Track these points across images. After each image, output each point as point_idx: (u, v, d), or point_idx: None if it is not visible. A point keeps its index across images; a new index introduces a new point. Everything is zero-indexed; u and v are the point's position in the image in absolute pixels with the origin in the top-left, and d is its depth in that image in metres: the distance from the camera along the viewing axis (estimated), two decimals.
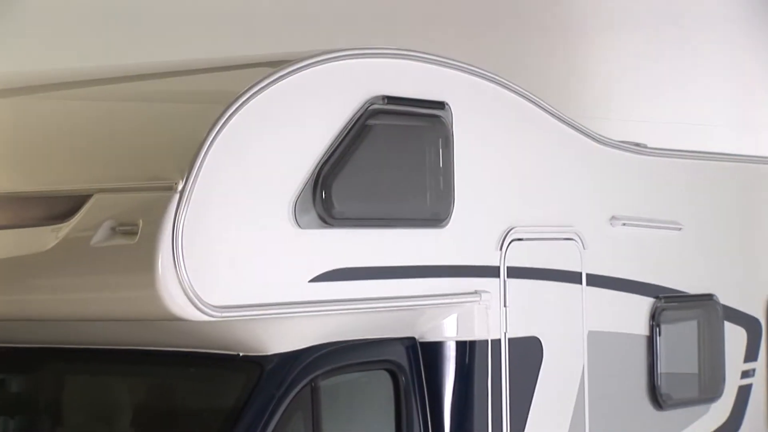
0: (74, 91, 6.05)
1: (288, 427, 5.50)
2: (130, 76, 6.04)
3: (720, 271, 7.73)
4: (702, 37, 12.36)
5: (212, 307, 5.02)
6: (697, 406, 7.50)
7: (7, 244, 5.18)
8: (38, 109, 5.94)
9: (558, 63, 11.79)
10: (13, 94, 6.05)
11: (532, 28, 11.76)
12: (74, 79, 6.13)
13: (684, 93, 12.12)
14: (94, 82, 6.07)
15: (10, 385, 6.29)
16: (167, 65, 6.04)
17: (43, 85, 6.12)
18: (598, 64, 12.07)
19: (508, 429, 6.24)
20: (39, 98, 6.01)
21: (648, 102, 11.95)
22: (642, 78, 12.11)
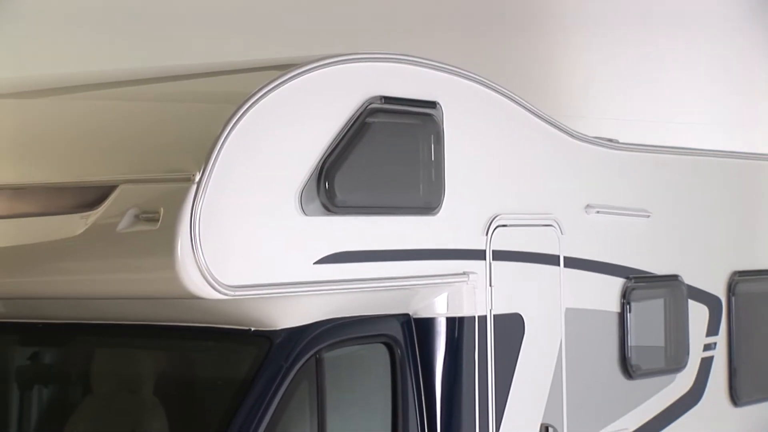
0: (100, 92, 6.05)
1: (295, 395, 5.52)
2: (151, 79, 6.04)
3: (684, 254, 7.75)
4: (672, 39, 12.29)
5: (226, 287, 5.04)
6: (663, 376, 7.50)
7: (40, 229, 5.19)
8: (68, 108, 5.94)
9: (538, 64, 11.75)
10: (46, 94, 6.06)
11: (513, 32, 11.69)
12: (100, 82, 6.13)
13: (653, 92, 12.08)
14: (118, 84, 6.07)
15: (43, 357, 6.28)
16: (183, 68, 6.02)
17: (73, 86, 6.12)
18: (576, 65, 12.03)
19: (493, 397, 6.25)
20: (69, 99, 6.02)
21: (620, 101, 11.92)
22: (615, 79, 12.07)
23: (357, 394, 5.91)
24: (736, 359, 8.07)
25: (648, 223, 7.42)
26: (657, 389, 7.43)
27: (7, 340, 6.27)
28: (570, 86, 11.84)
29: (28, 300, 5.82)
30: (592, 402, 6.94)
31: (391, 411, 5.93)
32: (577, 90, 11.85)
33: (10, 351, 6.35)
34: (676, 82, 12.22)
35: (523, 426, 6.48)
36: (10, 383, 6.32)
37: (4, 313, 6.05)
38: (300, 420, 5.59)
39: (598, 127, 8.43)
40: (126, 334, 5.84)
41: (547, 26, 11.98)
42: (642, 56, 12.27)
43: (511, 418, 6.37)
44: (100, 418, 5.99)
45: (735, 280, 8.13)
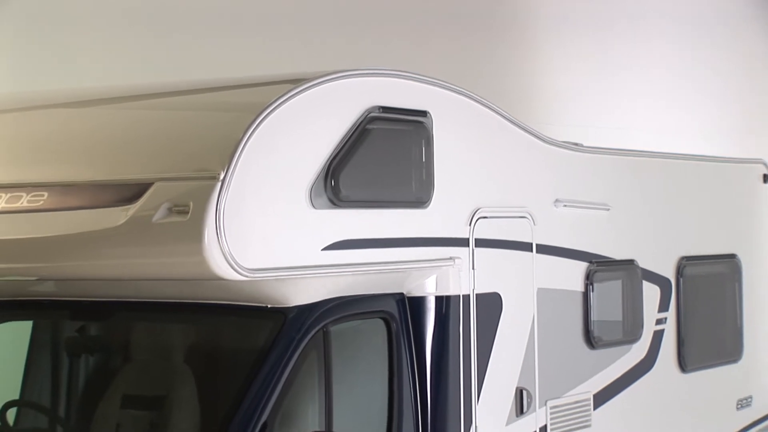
0: (136, 102, 6.04)
1: (305, 364, 5.53)
2: (180, 91, 6.05)
3: (639, 242, 7.75)
4: (629, 57, 12.24)
5: (246, 269, 5.04)
6: (621, 346, 7.51)
7: (86, 221, 5.18)
8: (110, 117, 5.95)
9: (513, 77, 11.68)
10: (90, 105, 6.06)
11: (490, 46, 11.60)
12: (136, 94, 6.11)
13: (613, 102, 12.05)
14: (151, 96, 6.05)
15: (89, 330, 6.31)
16: (208, 82, 6.02)
17: (112, 98, 6.11)
18: (546, 78, 11.99)
19: (475, 364, 6.26)
20: (111, 109, 6.03)
21: (585, 109, 11.89)
22: (580, 90, 12.03)
23: (358, 362, 5.92)
24: (683, 331, 8.08)
25: (608, 215, 7.43)
26: (616, 358, 7.44)
27: (59, 315, 6.31)
28: (541, 97, 11.81)
29: (76, 281, 5.83)
30: (560, 368, 6.94)
31: (387, 376, 5.94)
32: (547, 100, 11.82)
33: (61, 324, 6.38)
34: (632, 93, 12.18)
35: (501, 389, 6.48)
36: (61, 352, 6.35)
37: (56, 292, 6.07)
38: (309, 384, 5.60)
39: (565, 132, 8.43)
40: (160, 310, 5.85)
41: (521, 43, 11.94)
42: (603, 71, 12.23)
43: (491, 382, 6.37)
44: (138, 382, 6.01)
45: (682, 264, 8.14)
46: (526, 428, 6.64)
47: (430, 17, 11.24)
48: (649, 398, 7.70)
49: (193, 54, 9.61)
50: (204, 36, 9.83)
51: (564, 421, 6.94)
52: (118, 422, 5.89)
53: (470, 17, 11.50)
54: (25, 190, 5.43)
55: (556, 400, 6.88)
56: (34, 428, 6.36)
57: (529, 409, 6.63)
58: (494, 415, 6.42)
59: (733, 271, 8.76)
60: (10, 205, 5.41)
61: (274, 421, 5.33)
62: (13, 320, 6.43)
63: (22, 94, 6.59)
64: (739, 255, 8.82)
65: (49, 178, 5.43)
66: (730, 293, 8.74)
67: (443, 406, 6.08)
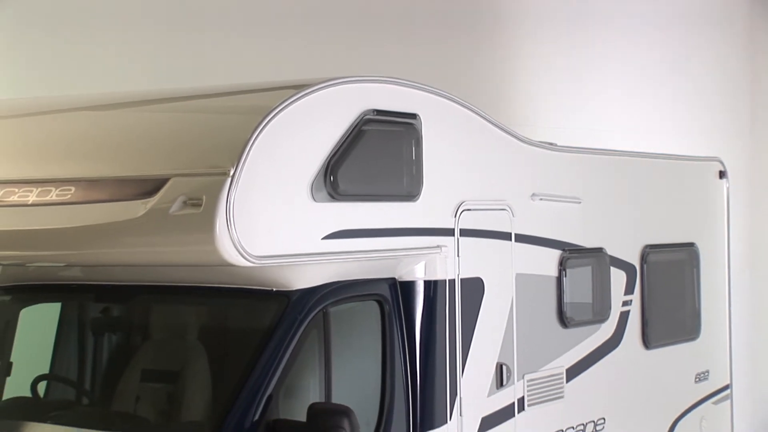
0: (154, 106, 6.06)
1: (306, 341, 5.54)
2: (194, 95, 6.01)
3: (607, 231, 7.76)
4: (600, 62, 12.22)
5: (253, 256, 5.04)
6: (591, 325, 7.52)
7: (110, 212, 5.18)
8: (130, 119, 5.95)
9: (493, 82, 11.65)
10: (112, 108, 6.06)
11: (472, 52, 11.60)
12: (154, 98, 6.12)
13: (584, 105, 12.04)
14: (167, 100, 6.05)
15: (112, 311, 6.31)
16: (218, 87, 6.01)
17: (133, 101, 6.11)
18: (522, 83, 11.97)
19: (460, 342, 6.27)
20: (131, 112, 6.03)
21: (558, 112, 11.88)
22: (553, 94, 12.02)
23: (355, 340, 5.93)
24: (647, 312, 8.10)
25: (579, 207, 7.44)
26: (586, 336, 7.45)
27: (85, 298, 6.31)
28: (518, 100, 11.80)
29: (100, 267, 5.84)
30: (536, 345, 6.95)
31: (381, 353, 5.94)
32: (523, 103, 11.81)
33: (87, 306, 6.38)
34: (601, 97, 12.18)
35: (483, 364, 6.49)
36: (86, 331, 6.36)
37: (81, 277, 6.08)
38: (310, 359, 5.61)
39: (540, 133, 8.43)
40: (176, 293, 5.86)
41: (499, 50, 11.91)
42: (574, 76, 12.22)
43: (474, 358, 6.38)
44: (155, 358, 6.02)
45: (646, 252, 8.15)
46: (506, 399, 6.65)
47: (416, 24, 11.21)
48: (616, 372, 7.72)
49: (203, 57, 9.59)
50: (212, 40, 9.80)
51: (539, 393, 6.95)
52: (138, 394, 5.89)
53: (453, 24, 11.47)
54: (54, 184, 5.43)
55: (532, 374, 6.89)
56: (62, 400, 6.36)
57: (508, 382, 6.65)
58: (477, 387, 6.43)
59: (692, 258, 8.78)
60: (41, 199, 5.41)
61: (278, 393, 5.34)
62: (44, 302, 6.43)
63: (48, 98, 6.58)
64: (698, 243, 8.84)
65: (76, 174, 5.43)
66: (689, 278, 8.76)
67: (431, 380, 6.09)
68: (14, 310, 6.37)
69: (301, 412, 5.27)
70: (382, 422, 5.88)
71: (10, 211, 5.44)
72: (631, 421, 7.86)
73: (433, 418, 6.08)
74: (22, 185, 5.51)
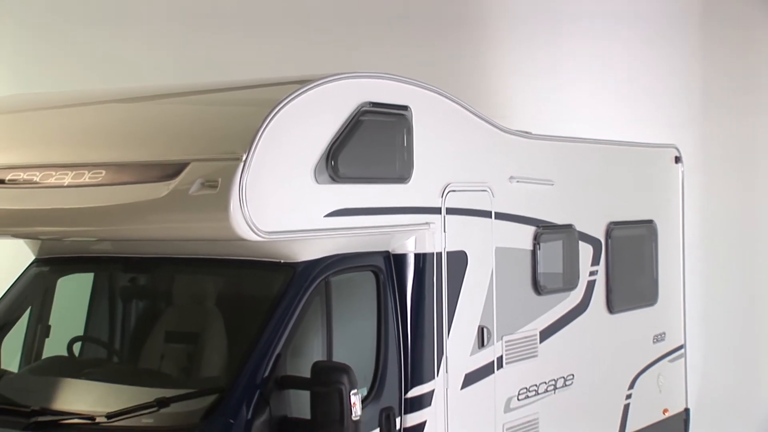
0: (175, 98, 6.02)
1: (310, 307, 5.55)
2: (211, 89, 6.01)
3: (576, 210, 7.76)
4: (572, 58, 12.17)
5: (263, 232, 5.04)
6: (561, 293, 7.53)
7: (136, 193, 5.17)
8: (154, 110, 5.92)
9: (475, 77, 11.64)
10: (137, 101, 6.03)
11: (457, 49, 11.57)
12: (175, 92, 6.08)
13: (556, 98, 12.01)
14: (187, 93, 6.03)
15: (138, 280, 6.31)
16: (233, 81, 5.98)
17: (156, 95, 6.06)
18: (501, 78, 11.96)
19: (446, 308, 6.28)
20: (155, 103, 5.99)
21: (533, 103, 11.86)
22: (529, 87, 11.99)
23: (353, 306, 5.94)
24: (611, 281, 8.10)
25: (552, 189, 7.43)
26: (557, 302, 7.46)
27: (114, 269, 6.31)
28: (497, 93, 11.78)
29: (128, 241, 5.84)
30: (513, 310, 6.96)
31: (376, 318, 5.96)
32: (505, 95, 11.80)
33: (116, 276, 6.39)
34: (572, 90, 12.13)
35: (466, 327, 6.50)
36: (116, 298, 6.36)
37: (111, 250, 6.08)
38: (314, 323, 5.62)
39: (517, 122, 8.42)
40: (195, 264, 5.86)
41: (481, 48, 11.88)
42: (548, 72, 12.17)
43: (458, 322, 6.40)
44: (177, 321, 6.03)
45: (610, 228, 8.16)
46: (486, 358, 6.66)
47: (408, 26, 11.20)
48: (584, 334, 7.73)
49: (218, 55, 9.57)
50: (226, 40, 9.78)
51: (516, 352, 6.97)
52: (162, 353, 5.90)
53: (441, 26, 11.46)
54: (87, 168, 5.42)
55: (509, 336, 6.90)
56: (95, 358, 6.37)
57: (488, 342, 6.66)
58: (461, 347, 6.44)
59: (651, 233, 8.79)
60: (75, 181, 5.40)
61: (286, 353, 5.35)
62: (78, 272, 6.44)
63: (81, 91, 6.56)
64: (656, 220, 8.85)
65: (106, 159, 5.42)
66: (648, 251, 8.77)
67: (421, 341, 6.10)
68: (52, 280, 6.38)
69: (306, 369, 5.28)
70: (377, 378, 5.89)
71: (48, 192, 5.45)
72: (597, 377, 7.89)
73: (422, 374, 6.09)
74: (58, 169, 5.51)
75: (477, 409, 6.57)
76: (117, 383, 5.68)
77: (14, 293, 6.35)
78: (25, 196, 5.50)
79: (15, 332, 6.23)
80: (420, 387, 6.08)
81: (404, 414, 6.00)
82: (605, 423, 8.04)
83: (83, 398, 5.53)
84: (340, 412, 5.10)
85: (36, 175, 5.54)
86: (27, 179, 5.56)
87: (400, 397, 6.00)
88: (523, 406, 7.01)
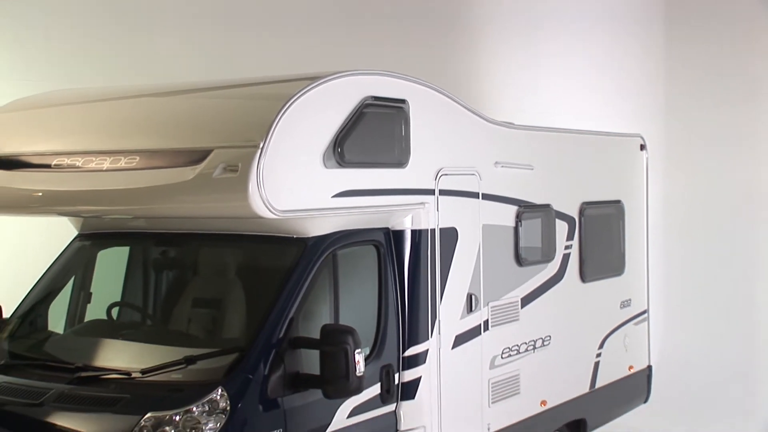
0: (201, 93, 5.98)
1: (320, 276, 5.55)
2: (231, 85, 5.96)
3: (553, 191, 7.74)
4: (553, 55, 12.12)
5: (278, 210, 5.04)
6: (540, 264, 7.52)
7: (166, 176, 5.17)
8: (182, 103, 5.90)
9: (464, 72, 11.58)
10: (167, 95, 6.01)
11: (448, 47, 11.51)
12: (200, 87, 6.05)
13: (535, 93, 11.98)
14: (211, 88, 5.98)
15: (169, 253, 6.31)
16: (251, 78, 5.95)
17: (183, 90, 6.05)
18: (488, 75, 11.91)
19: (438, 278, 6.27)
20: (183, 97, 5.97)
21: (515, 96, 11.82)
22: (512, 83, 11.95)
23: (357, 275, 5.93)
24: (583, 254, 8.10)
25: (532, 173, 7.41)
26: (537, 272, 7.45)
27: (147, 243, 6.31)
28: (483, 87, 11.73)
29: (159, 218, 5.83)
30: (497, 280, 6.95)
31: (377, 286, 5.96)
32: (489, 90, 11.75)
33: (148, 249, 6.38)
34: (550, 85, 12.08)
35: (457, 294, 6.50)
36: (149, 268, 6.36)
37: (145, 227, 6.07)
38: (322, 291, 5.62)
39: (502, 114, 8.38)
40: (217, 239, 5.86)
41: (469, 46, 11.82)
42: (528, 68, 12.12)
43: (450, 290, 6.40)
44: (202, 289, 6.02)
45: (583, 207, 8.14)
46: (474, 321, 6.67)
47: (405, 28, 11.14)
48: (559, 300, 7.74)
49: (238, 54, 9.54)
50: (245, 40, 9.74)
51: (500, 316, 6.97)
52: (189, 317, 5.91)
53: (435, 28, 11.40)
54: (123, 154, 5.41)
55: (495, 302, 6.91)
56: (131, 321, 6.38)
57: (476, 308, 6.67)
58: (452, 312, 6.45)
59: (619, 212, 8.78)
60: (113, 165, 5.40)
61: (298, 317, 5.36)
62: (116, 246, 6.44)
63: (117, 87, 6.54)
64: (623, 200, 8.84)
65: (140, 146, 5.42)
66: (616, 227, 8.76)
67: (416, 306, 6.10)
68: (93, 253, 6.38)
69: (316, 331, 5.29)
70: (378, 339, 5.91)
71: (89, 175, 5.44)
72: (571, 338, 7.90)
73: (418, 335, 6.10)
74: (98, 155, 5.50)
75: (466, 366, 6.58)
76: (150, 343, 5.71)
77: (59, 265, 6.36)
78: (69, 179, 5.50)
79: (60, 299, 6.24)
80: (416, 347, 6.09)
81: (402, 370, 6.02)
82: (578, 378, 8.06)
83: (120, 356, 5.56)
84: (345, 369, 5.13)
85: (79, 160, 5.54)
86: (71, 164, 5.56)
87: (399, 356, 6.01)
88: (506, 364, 7.02)
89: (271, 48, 9.87)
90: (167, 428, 4.87)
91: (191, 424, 4.90)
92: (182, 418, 4.90)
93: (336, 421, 5.51)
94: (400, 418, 5.99)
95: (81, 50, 8.96)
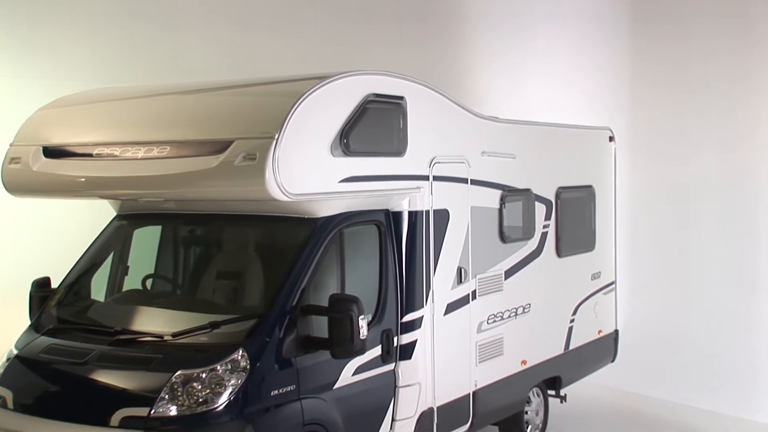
0: (223, 90, 5.93)
1: (328, 252, 5.54)
2: (251, 83, 5.91)
3: (533, 177, 7.72)
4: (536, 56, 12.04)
5: (291, 194, 5.03)
6: (521, 241, 7.51)
7: (193, 164, 5.16)
8: (207, 100, 5.86)
9: (455, 72, 11.55)
10: (193, 93, 5.97)
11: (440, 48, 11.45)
12: (222, 85, 6.01)
13: (519, 90, 11.92)
14: (232, 87, 5.94)
15: (196, 231, 6.29)
16: (267, 77, 5.91)
17: (208, 88, 6.00)
18: (476, 73, 11.87)
19: (432, 253, 6.26)
20: (207, 94, 5.92)
21: (500, 93, 11.77)
22: (497, 80, 11.89)
23: (361, 251, 5.92)
24: (559, 232, 8.08)
25: (515, 161, 7.39)
26: (518, 248, 7.44)
27: (177, 223, 6.29)
28: (473, 85, 11.69)
29: (187, 201, 5.81)
30: (484, 255, 6.94)
31: (378, 261, 5.95)
32: (477, 87, 11.71)
33: (177, 228, 6.37)
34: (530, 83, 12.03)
35: (448, 268, 6.50)
36: (178, 246, 6.35)
37: (175, 208, 6.05)
38: (330, 265, 5.61)
39: (488, 109, 8.35)
40: (238, 219, 5.84)
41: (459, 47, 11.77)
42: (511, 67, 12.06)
43: (442, 263, 6.40)
44: (226, 263, 6.02)
45: (559, 191, 8.13)
46: (463, 291, 6.67)
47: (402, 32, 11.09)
48: (538, 273, 7.73)
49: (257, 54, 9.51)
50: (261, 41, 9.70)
51: (486, 287, 6.97)
52: (214, 287, 5.91)
53: (428, 32, 11.36)
54: (155, 145, 5.40)
55: (481, 274, 6.90)
56: (163, 291, 6.38)
57: (465, 279, 6.67)
58: (444, 283, 6.45)
59: (590, 195, 8.76)
60: (146, 154, 5.39)
61: (309, 287, 5.36)
62: (149, 225, 6.42)
63: (150, 85, 6.51)
64: (594, 185, 8.81)
65: (170, 138, 5.40)
66: (588, 209, 8.74)
67: (413, 278, 6.10)
68: (130, 231, 6.37)
69: (324, 299, 5.30)
70: (379, 306, 5.91)
71: (126, 163, 5.43)
72: (548, 306, 7.90)
73: (414, 303, 6.10)
74: (133, 145, 5.48)
75: (456, 331, 6.58)
76: (179, 310, 5.71)
77: (101, 241, 6.35)
78: (108, 167, 5.49)
79: (101, 271, 6.24)
80: (412, 313, 6.09)
81: (400, 334, 6.02)
82: (554, 341, 8.07)
83: (154, 321, 5.56)
84: (351, 333, 5.16)
85: (117, 150, 5.52)
86: (110, 153, 5.54)
87: (397, 321, 6.01)
88: (491, 328, 7.03)
89: (286, 48, 9.87)
90: (195, 384, 4.89)
91: (216, 381, 4.92)
92: (208, 375, 4.92)
93: (342, 379, 5.53)
94: (399, 375, 6.01)
95: (118, 51, 8.92)
